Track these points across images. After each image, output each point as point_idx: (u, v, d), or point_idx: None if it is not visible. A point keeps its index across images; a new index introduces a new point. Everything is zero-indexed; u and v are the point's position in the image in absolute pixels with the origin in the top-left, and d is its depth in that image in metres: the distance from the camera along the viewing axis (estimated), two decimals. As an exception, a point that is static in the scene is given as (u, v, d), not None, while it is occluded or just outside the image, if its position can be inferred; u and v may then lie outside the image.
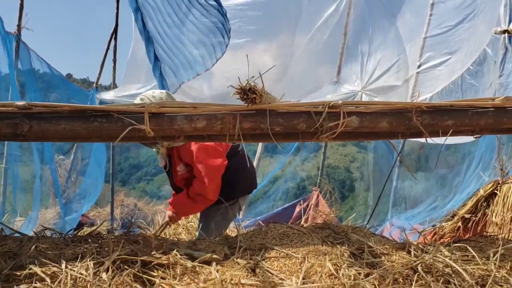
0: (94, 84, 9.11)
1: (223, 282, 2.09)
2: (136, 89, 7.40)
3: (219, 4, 5.63)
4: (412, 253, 2.44)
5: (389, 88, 7.70)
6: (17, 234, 2.68)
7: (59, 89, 8.42)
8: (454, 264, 2.26)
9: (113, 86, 8.62)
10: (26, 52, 6.84)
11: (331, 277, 2.17)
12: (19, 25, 6.65)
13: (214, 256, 2.32)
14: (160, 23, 5.44)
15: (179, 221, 5.42)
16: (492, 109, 2.57)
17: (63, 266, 2.13)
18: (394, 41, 7.96)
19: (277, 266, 2.29)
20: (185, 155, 4.13)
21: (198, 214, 4.90)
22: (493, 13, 6.31)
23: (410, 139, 2.69)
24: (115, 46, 8.41)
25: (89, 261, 2.17)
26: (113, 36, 8.40)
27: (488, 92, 6.24)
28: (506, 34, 6.02)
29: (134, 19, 5.33)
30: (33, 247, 2.33)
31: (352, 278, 2.15)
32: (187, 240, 3.06)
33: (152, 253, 2.29)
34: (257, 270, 2.23)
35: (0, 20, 6.05)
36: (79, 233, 2.76)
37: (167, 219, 4.41)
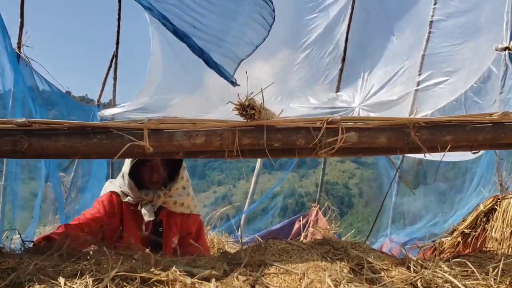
0: (96, 102, 9.14)
1: (223, 299, 2.09)
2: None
3: None
4: (412, 269, 2.43)
5: (386, 104, 7.73)
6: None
7: (59, 106, 8.44)
8: (453, 280, 2.25)
9: (113, 103, 8.65)
10: (27, 69, 6.86)
11: (330, 293, 2.17)
12: (19, 43, 6.68)
13: (213, 272, 2.31)
14: (193, 17, 5.34)
15: None
16: (490, 124, 2.58)
17: (62, 283, 2.12)
18: (392, 58, 8.01)
19: (276, 282, 2.28)
20: (192, 225, 3.84)
21: None
22: (497, 32, 6.36)
23: (408, 154, 2.70)
24: (115, 64, 8.46)
25: (88, 278, 2.16)
26: (114, 54, 8.46)
27: (492, 110, 6.26)
28: (507, 51, 6.07)
29: (163, 25, 5.23)
30: (33, 264, 2.32)
31: (352, 294, 2.14)
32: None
33: (151, 269, 2.29)
34: (257, 287, 2.22)
35: (7, 37, 6.07)
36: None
37: None
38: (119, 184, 3.70)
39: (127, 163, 3.65)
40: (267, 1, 5.57)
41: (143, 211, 3.55)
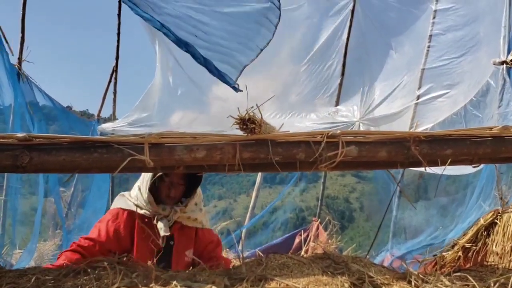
0: (96, 116, 9.17)
1: (223, 313, 2.08)
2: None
3: None
4: (413, 283, 2.42)
5: (386, 118, 7.74)
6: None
7: (59, 121, 8.47)
8: (455, 294, 2.25)
9: (113, 117, 8.68)
10: (27, 84, 6.88)
11: (331, 307, 2.16)
12: (20, 58, 6.70)
13: (214, 287, 2.30)
14: (196, 26, 5.37)
15: None
16: (490, 138, 2.59)
17: (62, 298, 2.12)
18: (392, 72, 8.03)
19: (277, 297, 2.27)
20: (208, 236, 3.94)
21: None
22: (496, 46, 6.39)
23: (409, 168, 2.71)
24: (115, 78, 8.48)
25: (88, 292, 2.16)
26: (114, 69, 8.48)
27: (491, 123, 6.27)
28: (505, 65, 6.09)
29: (165, 35, 5.27)
30: (33, 279, 2.31)
31: (353, 308, 2.13)
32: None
33: (151, 285, 2.28)
34: (258, 301, 2.21)
35: (5, 53, 6.10)
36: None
37: None
38: (134, 196, 3.75)
39: (146, 178, 3.68)
40: (273, 1, 5.57)
41: (159, 225, 3.60)
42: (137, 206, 3.67)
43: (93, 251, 3.50)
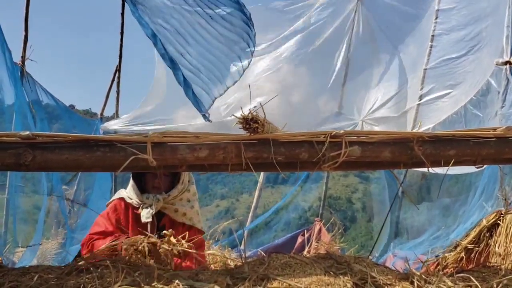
0: (99, 115, 9.18)
1: (225, 313, 2.07)
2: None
3: (241, 8, 5.55)
4: (416, 284, 2.42)
5: (389, 118, 7.72)
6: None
7: (62, 120, 8.48)
8: (457, 295, 2.24)
9: (116, 116, 8.68)
10: (30, 83, 6.88)
11: (334, 307, 2.15)
12: (23, 57, 6.70)
13: (216, 287, 2.30)
14: (182, 45, 5.42)
15: None
16: (493, 139, 2.58)
17: (65, 296, 2.11)
18: (396, 72, 8.01)
19: (279, 297, 2.27)
20: (193, 235, 3.97)
21: None
22: (498, 45, 6.36)
23: (411, 169, 2.69)
24: (118, 77, 8.49)
25: (91, 291, 2.16)
26: (117, 68, 8.49)
27: (493, 123, 6.24)
28: (508, 66, 6.06)
29: (154, 45, 5.33)
30: (36, 277, 2.31)
31: (355, 308, 2.13)
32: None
33: (153, 283, 2.28)
34: (260, 301, 2.21)
35: (8, 51, 6.09)
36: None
37: None
38: (128, 188, 3.89)
39: None
40: (249, 44, 5.61)
41: (142, 213, 3.70)
42: (128, 197, 3.82)
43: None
